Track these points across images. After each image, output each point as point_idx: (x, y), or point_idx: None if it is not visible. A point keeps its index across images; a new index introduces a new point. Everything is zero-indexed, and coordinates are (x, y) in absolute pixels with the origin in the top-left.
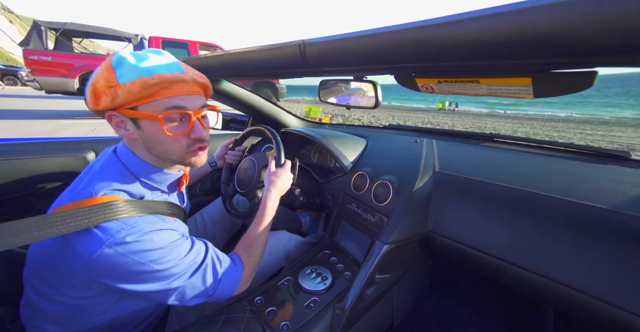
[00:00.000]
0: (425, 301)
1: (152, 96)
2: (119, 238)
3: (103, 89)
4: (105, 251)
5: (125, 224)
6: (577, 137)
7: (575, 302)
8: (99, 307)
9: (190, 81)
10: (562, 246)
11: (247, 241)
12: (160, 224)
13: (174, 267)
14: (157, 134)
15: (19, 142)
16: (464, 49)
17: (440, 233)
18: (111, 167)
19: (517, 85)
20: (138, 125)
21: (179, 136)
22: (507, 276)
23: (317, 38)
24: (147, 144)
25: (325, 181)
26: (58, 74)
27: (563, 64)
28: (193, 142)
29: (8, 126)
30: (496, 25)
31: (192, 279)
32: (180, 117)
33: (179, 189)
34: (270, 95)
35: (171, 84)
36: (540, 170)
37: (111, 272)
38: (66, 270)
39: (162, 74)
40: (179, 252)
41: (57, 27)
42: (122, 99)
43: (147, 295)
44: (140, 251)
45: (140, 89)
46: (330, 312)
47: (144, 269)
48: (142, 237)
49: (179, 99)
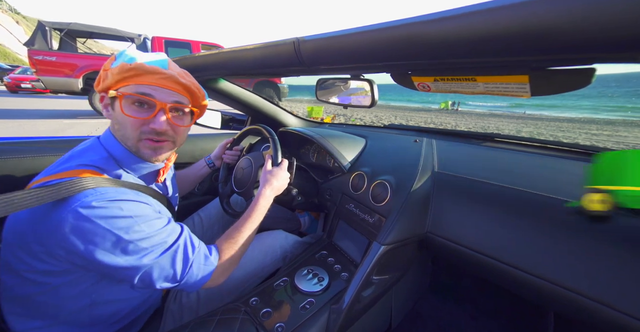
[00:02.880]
0: (424, 303)
1: (125, 80)
2: (86, 202)
3: (101, 73)
4: (71, 214)
5: (95, 191)
6: (582, 137)
7: (577, 306)
8: (72, 291)
9: (169, 76)
10: (564, 248)
11: (231, 234)
12: (132, 195)
13: (141, 241)
14: (119, 114)
15: (18, 141)
16: (458, 46)
17: (439, 234)
18: (92, 148)
19: (514, 83)
20: (113, 106)
21: (136, 120)
22: (506, 278)
23: (312, 35)
24: (113, 126)
25: (323, 180)
26: (62, 74)
27: (560, 60)
28: (149, 131)
29: (14, 125)
30: (491, 21)
31: (160, 258)
32: (147, 105)
33: (157, 181)
34: (272, 95)
35: (145, 73)
36: (543, 170)
37: (74, 238)
38: (34, 237)
39: (140, 62)
40: (148, 226)
41: (62, 27)
42: (108, 81)
43: (113, 271)
44: (107, 216)
45: (118, 72)
46: (326, 313)
47: (109, 237)
48: (110, 203)
49: (149, 87)
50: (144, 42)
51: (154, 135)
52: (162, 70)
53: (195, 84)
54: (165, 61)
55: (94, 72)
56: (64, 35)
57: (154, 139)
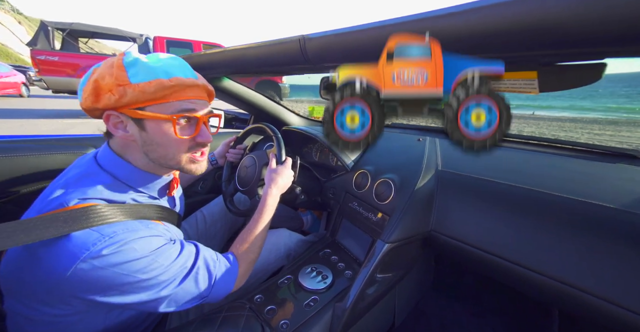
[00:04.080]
0: (428, 301)
1: (164, 98)
2: (95, 251)
3: (109, 87)
4: (81, 265)
5: (102, 235)
6: (584, 137)
7: (582, 303)
8: (86, 322)
9: (202, 87)
10: (569, 246)
11: (245, 237)
12: (143, 232)
13: (161, 275)
14: (163, 136)
15: (20, 139)
16: (465, 42)
17: (443, 232)
18: (91, 175)
19: (522, 80)
20: (142, 126)
21: (184, 140)
22: (511, 276)
23: (318, 33)
24: (146, 147)
25: (326, 179)
26: (64, 74)
27: (571, 55)
28: (196, 145)
29: (16, 125)
30: (498, 15)
31: (183, 284)
32: (188, 121)
33: (169, 194)
34: (273, 95)
35: (185, 88)
36: (547, 169)
37: (91, 287)
38: (39, 287)
39: (179, 77)
40: (165, 259)
41: (64, 27)
42: (130, 98)
43: (136, 306)
44: (121, 262)
45: (155, 90)
46: (330, 311)
47: (128, 280)
48: (122, 247)
49: (189, 102)
50: (145, 42)
51: (200, 147)
52: (198, 82)
53: (211, 86)
54: (192, 69)
55: None
56: (66, 35)
57: (201, 151)
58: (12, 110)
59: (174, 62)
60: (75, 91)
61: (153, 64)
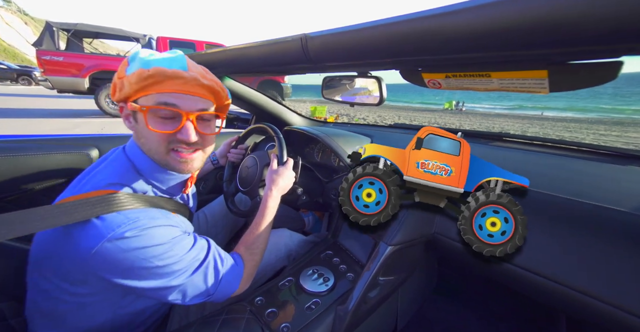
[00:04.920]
0: (431, 305)
1: (145, 89)
2: (119, 233)
3: (115, 81)
4: (106, 245)
5: (127, 218)
6: (590, 137)
7: (591, 310)
8: (99, 306)
9: (191, 80)
10: (579, 250)
11: (248, 239)
12: (162, 220)
13: (175, 264)
14: (143, 128)
15: (23, 138)
16: (473, 40)
17: (447, 235)
18: (117, 162)
19: (532, 79)
20: (135, 118)
21: (163, 134)
22: (516, 280)
23: (319, 31)
24: (138, 140)
25: (328, 180)
26: (69, 74)
27: (584, 53)
28: (176, 142)
29: (21, 124)
30: (508, 11)
31: (193, 276)
32: (171, 115)
33: (183, 192)
34: (275, 95)
35: (166, 79)
36: (553, 170)
37: (111, 267)
38: (66, 262)
39: (158, 67)
40: (180, 249)
41: (69, 27)
42: (125, 90)
43: (147, 292)
44: (141, 247)
45: (136, 80)
46: (332, 314)
47: (145, 265)
48: (142, 232)
49: (171, 96)
50: (149, 42)
51: (183, 145)
52: (183, 73)
53: (218, 83)
54: (184, 61)
55: (100, 72)
56: (70, 36)
57: (183, 150)
58: (18, 110)
59: (168, 55)
60: (80, 91)
61: (146, 57)
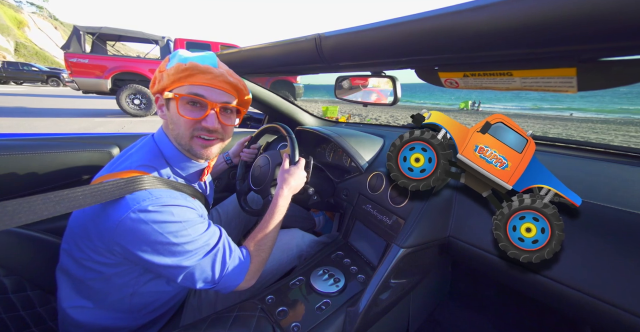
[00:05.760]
0: (443, 309)
1: (181, 81)
2: (143, 206)
3: (156, 74)
4: (130, 215)
5: (151, 194)
6: (618, 139)
7: (619, 322)
8: (121, 279)
9: (219, 75)
10: (604, 257)
11: (257, 236)
12: (181, 201)
13: (188, 244)
14: (174, 114)
15: (49, 137)
16: (496, 37)
17: (461, 238)
18: (147, 147)
19: (558, 77)
20: (168, 106)
21: (190, 120)
22: (534, 287)
23: (333, 31)
24: (169, 126)
25: (340, 180)
26: (93, 75)
27: (617, 49)
28: (200, 129)
29: (50, 123)
30: (535, 6)
31: (202, 260)
32: (199, 105)
33: (200, 179)
34: (287, 95)
35: (198, 73)
36: (577, 173)
37: (131, 237)
38: (96, 232)
39: (194, 62)
40: (194, 230)
41: (94, 31)
42: (164, 82)
43: (160, 269)
44: (160, 221)
45: (174, 72)
46: (342, 315)
47: (161, 239)
48: (163, 208)
49: (201, 88)
50: (167, 43)
51: (205, 133)
52: (213, 69)
53: (242, 82)
54: (215, 59)
55: (122, 73)
56: (95, 39)
57: (205, 137)
58: (48, 110)
59: (202, 54)
60: (103, 92)
61: (184, 55)
